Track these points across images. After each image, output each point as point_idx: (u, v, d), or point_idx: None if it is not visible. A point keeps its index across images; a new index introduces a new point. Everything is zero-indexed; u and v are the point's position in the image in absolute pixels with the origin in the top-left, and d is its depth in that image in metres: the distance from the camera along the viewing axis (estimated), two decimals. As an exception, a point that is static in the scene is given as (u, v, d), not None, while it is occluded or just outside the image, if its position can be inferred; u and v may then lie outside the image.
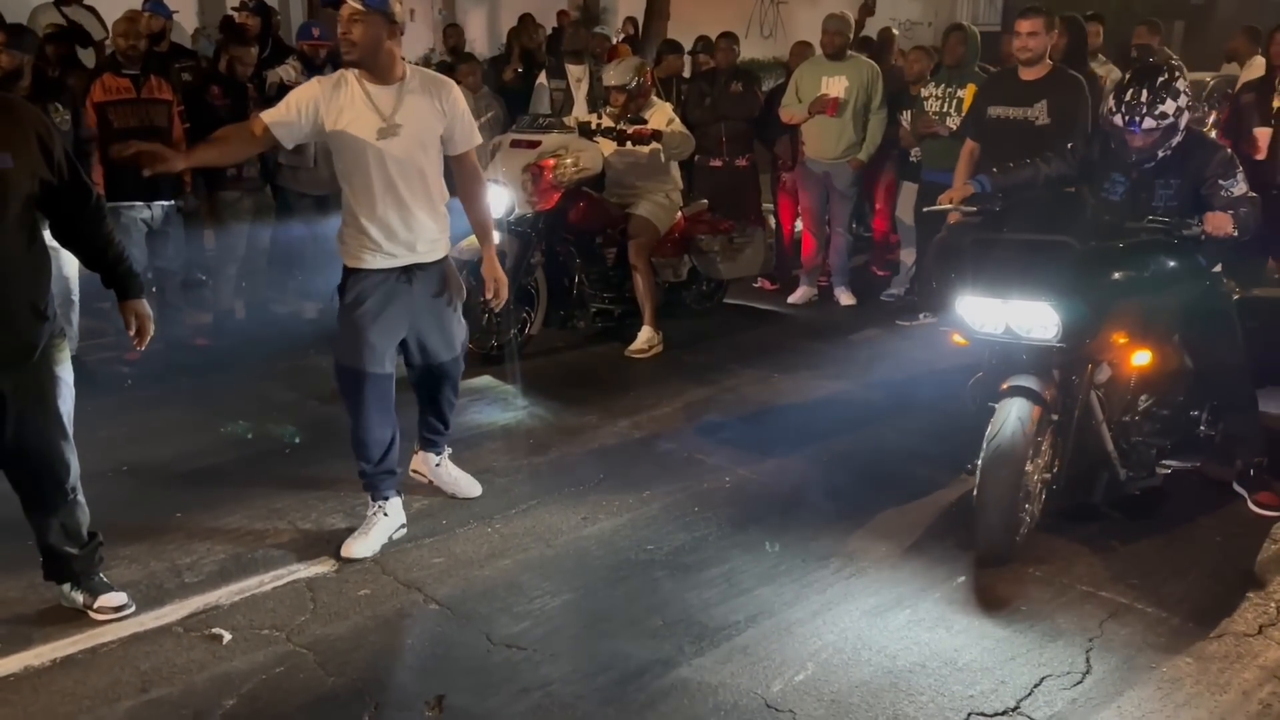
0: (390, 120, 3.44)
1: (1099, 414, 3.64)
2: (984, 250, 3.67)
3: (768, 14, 17.38)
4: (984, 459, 3.42)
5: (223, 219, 6.12)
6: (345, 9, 3.36)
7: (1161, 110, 3.56)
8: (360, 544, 3.62)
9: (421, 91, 3.50)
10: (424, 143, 3.51)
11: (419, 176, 3.52)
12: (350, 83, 3.46)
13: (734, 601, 3.31)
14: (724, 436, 4.71)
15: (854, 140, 6.81)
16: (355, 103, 3.44)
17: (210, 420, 4.90)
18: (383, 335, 3.57)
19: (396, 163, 3.47)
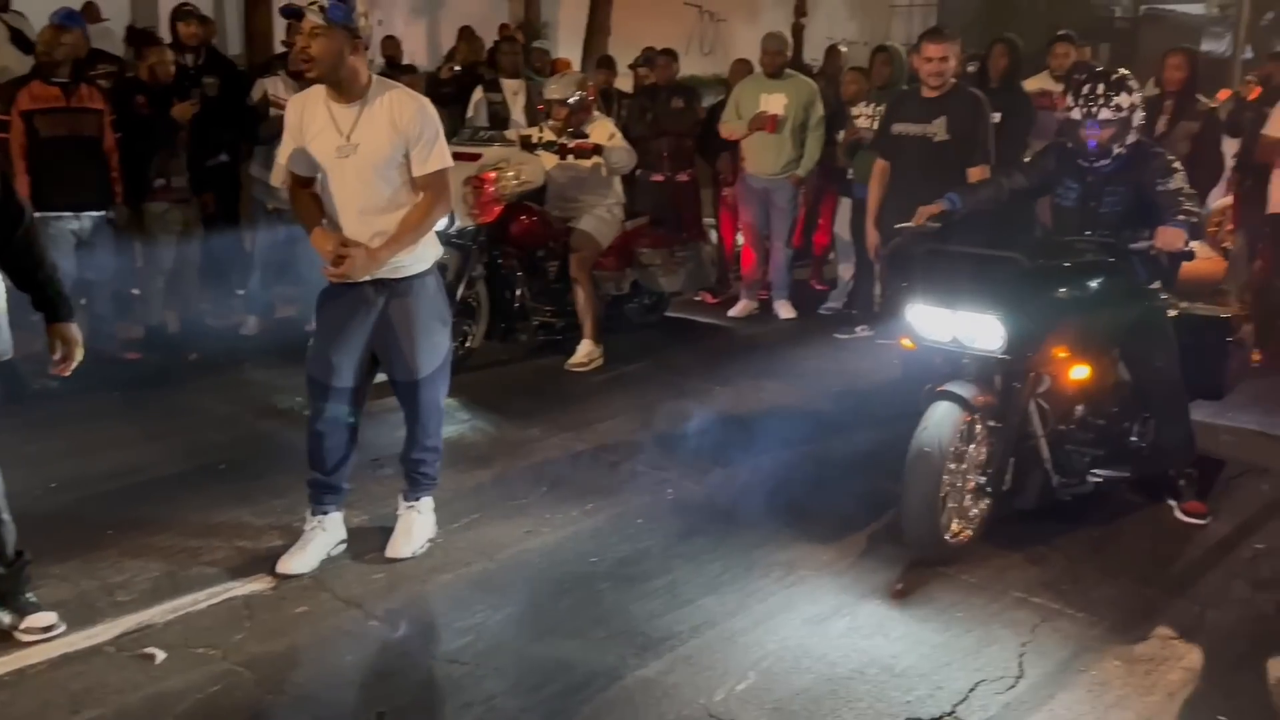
0: (349, 138, 3.36)
1: (1037, 423, 3.76)
2: (934, 260, 3.77)
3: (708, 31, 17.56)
4: (907, 459, 3.54)
5: (150, 230, 5.99)
6: (305, 23, 3.26)
7: (1116, 103, 3.75)
8: (297, 559, 3.56)
9: (382, 109, 3.37)
10: (383, 163, 3.38)
11: (379, 196, 3.41)
12: (319, 98, 3.41)
13: (677, 612, 3.33)
14: (667, 448, 4.74)
15: (793, 157, 6.92)
16: (320, 120, 3.39)
17: (141, 435, 4.80)
18: (339, 348, 3.52)
19: (353, 182, 3.39)
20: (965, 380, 3.63)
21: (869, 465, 4.48)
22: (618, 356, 6.12)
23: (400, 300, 3.51)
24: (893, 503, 3.99)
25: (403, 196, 3.45)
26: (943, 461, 3.50)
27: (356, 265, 3.37)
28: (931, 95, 5.22)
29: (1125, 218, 3.86)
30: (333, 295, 3.54)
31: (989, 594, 3.45)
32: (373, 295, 3.50)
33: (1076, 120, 3.81)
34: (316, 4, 3.25)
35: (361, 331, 3.52)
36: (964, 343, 3.59)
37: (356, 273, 3.39)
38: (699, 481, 4.38)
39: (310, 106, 3.43)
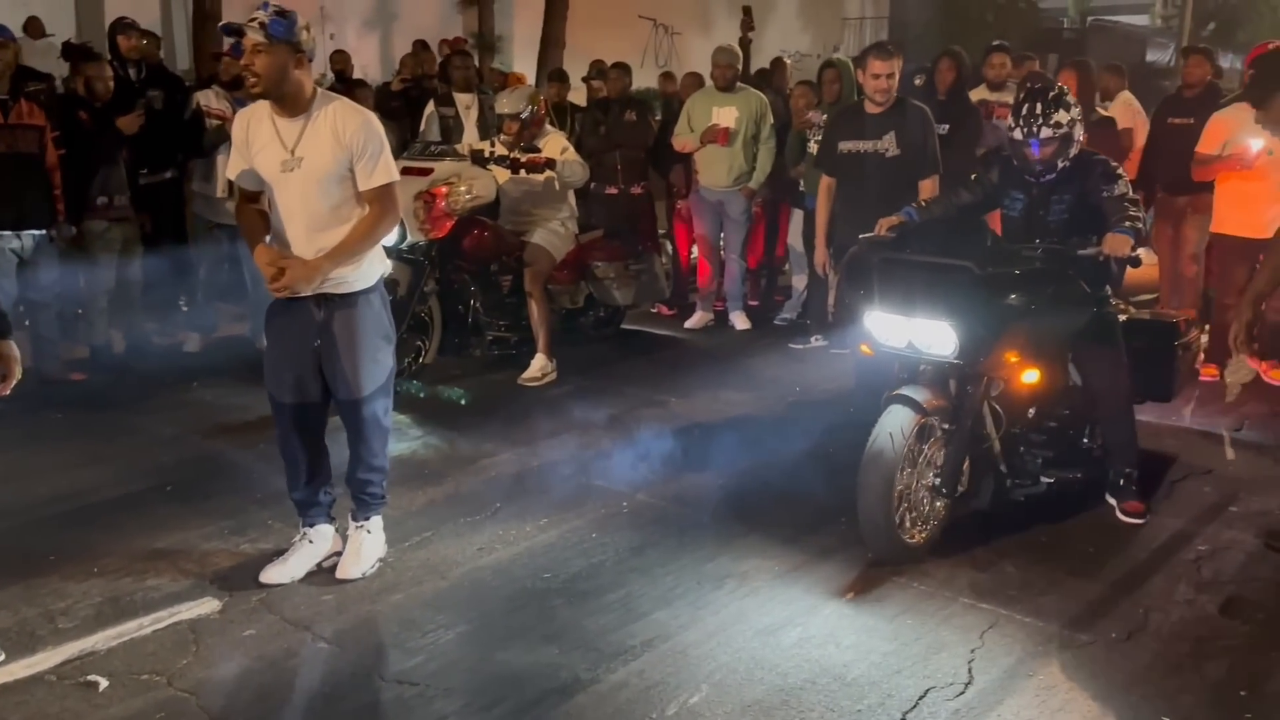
0: (293, 152, 3.34)
1: (991, 426, 3.85)
2: (890, 269, 3.83)
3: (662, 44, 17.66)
4: (861, 463, 3.61)
5: (91, 249, 5.89)
6: (247, 40, 3.25)
7: (1056, 120, 3.84)
8: (278, 570, 3.57)
9: (325, 122, 3.34)
10: (326, 177, 3.35)
11: (324, 211, 3.39)
12: (264, 114, 3.40)
13: (630, 626, 3.32)
14: (621, 462, 4.73)
15: (745, 169, 6.97)
16: (264, 134, 3.38)
17: (86, 457, 4.71)
18: (286, 364, 3.53)
19: (298, 196, 3.37)
20: (919, 385, 3.71)
21: (822, 474, 4.51)
22: (572, 370, 6.11)
23: (343, 317, 3.48)
24: (845, 511, 4.03)
25: (348, 211, 3.42)
26: (896, 464, 3.58)
27: (295, 277, 3.34)
28: (877, 111, 5.26)
29: (1072, 225, 3.97)
30: (279, 312, 3.53)
31: (938, 600, 3.48)
32: (315, 311, 3.47)
33: (1019, 140, 3.91)
34: (256, 21, 3.24)
35: (308, 347, 3.50)
36: (919, 348, 3.69)
37: (297, 285, 3.36)
38: (654, 494, 4.38)
39: (255, 122, 3.41)
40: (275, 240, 3.47)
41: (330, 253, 3.38)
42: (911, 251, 4.00)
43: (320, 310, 3.47)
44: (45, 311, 5.68)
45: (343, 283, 3.46)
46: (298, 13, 3.33)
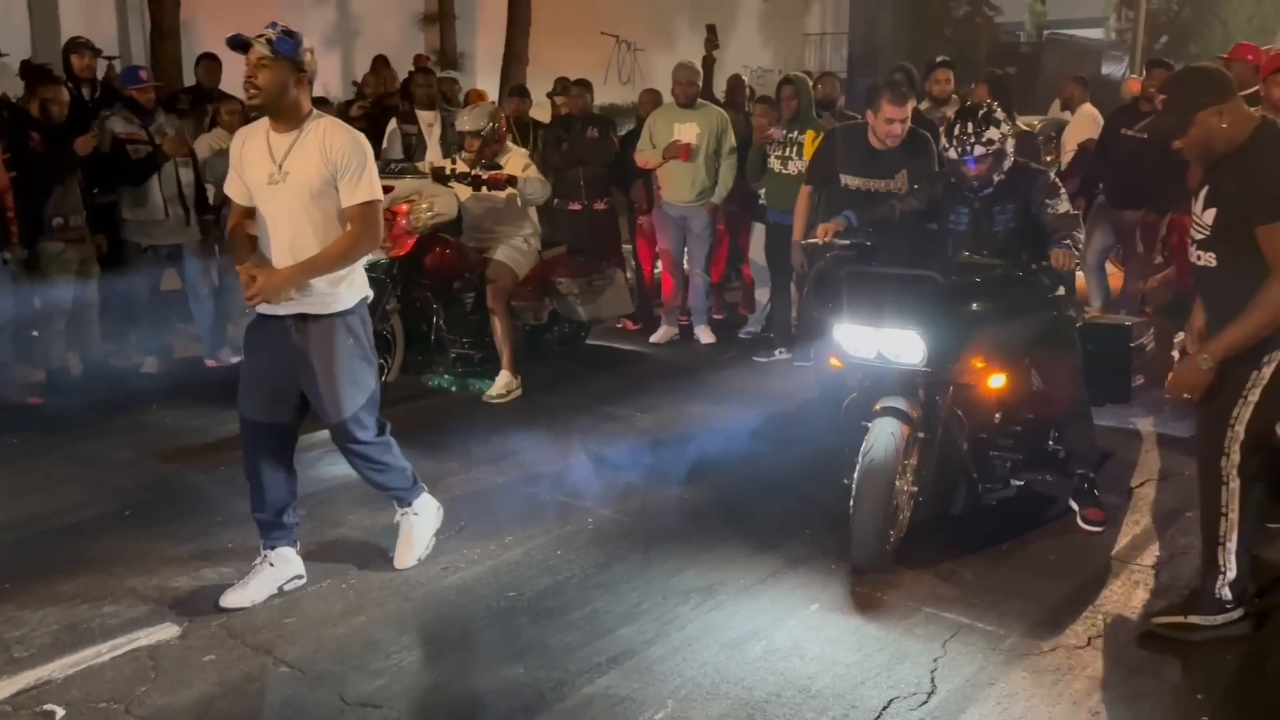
0: (280, 166, 3.39)
1: (960, 432, 3.90)
2: (857, 282, 3.90)
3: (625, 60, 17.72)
4: (858, 475, 3.63)
5: (46, 271, 5.80)
6: (252, 54, 3.33)
7: (988, 137, 3.96)
8: (239, 594, 3.54)
9: (314, 138, 3.39)
10: (311, 192, 3.38)
11: (308, 226, 3.41)
12: (261, 130, 3.47)
13: (596, 643, 3.32)
14: (586, 477, 4.73)
15: (707, 184, 7.02)
16: (256, 149, 3.44)
17: (42, 482, 4.64)
18: (259, 383, 3.54)
19: (284, 210, 3.41)
20: (900, 395, 3.75)
21: (786, 487, 4.54)
22: (537, 386, 6.11)
23: (321, 339, 3.46)
24: (810, 522, 4.06)
25: (331, 229, 3.44)
26: (893, 474, 3.62)
27: (265, 285, 3.33)
28: (882, 147, 5.23)
29: (1017, 234, 4.08)
30: (256, 330, 3.54)
31: (902, 610, 3.51)
32: (293, 330, 3.46)
33: (954, 159, 4.04)
34: (264, 36, 3.34)
35: (284, 366, 3.49)
36: (888, 358, 3.74)
37: (267, 294, 3.35)
38: (619, 510, 4.38)
39: (252, 138, 3.49)
40: (259, 255, 3.48)
41: (305, 263, 3.38)
42: (878, 264, 4.08)
43: (298, 330, 3.46)
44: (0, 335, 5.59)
45: (321, 303, 3.45)
46: (303, 34, 3.44)
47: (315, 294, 3.43)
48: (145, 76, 6.45)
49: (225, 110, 6.76)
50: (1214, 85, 3.10)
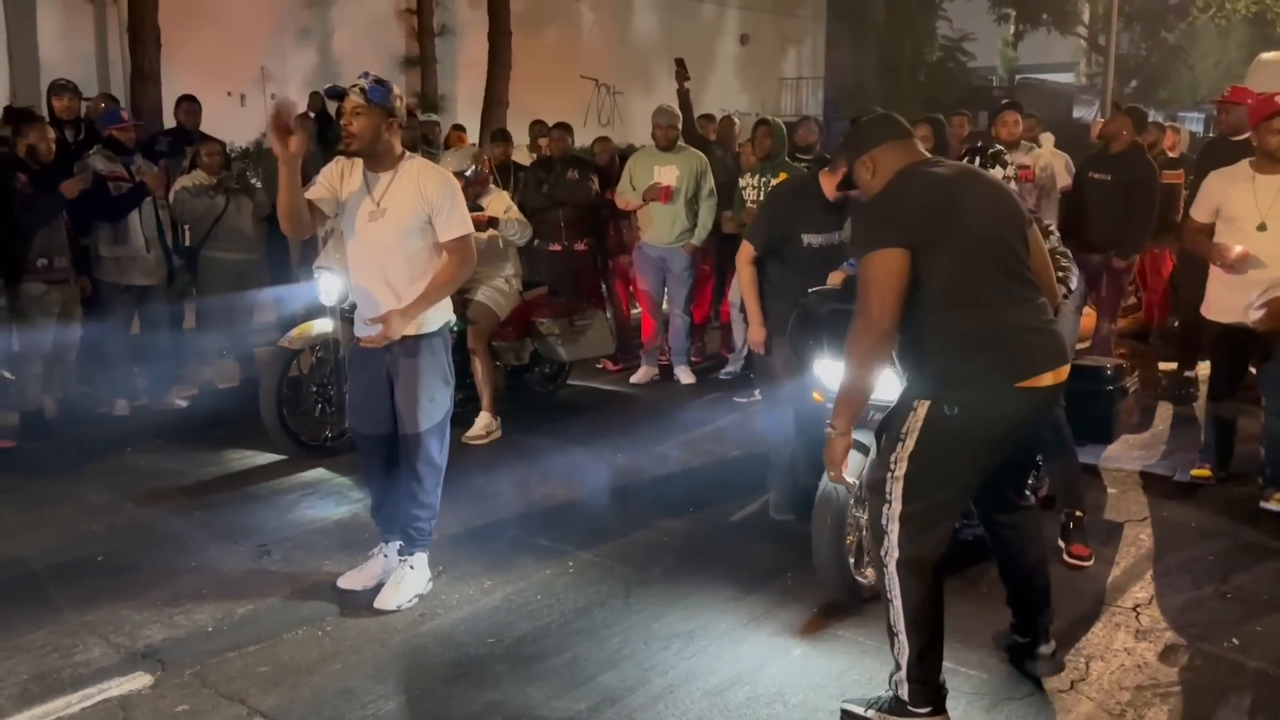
0: (379, 204, 3.68)
1: None
2: (839, 319, 3.90)
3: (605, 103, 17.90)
4: (815, 503, 3.71)
5: (27, 313, 5.75)
6: (348, 102, 3.62)
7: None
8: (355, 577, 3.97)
9: (409, 178, 3.70)
10: (406, 228, 3.70)
11: (401, 258, 3.73)
12: (359, 166, 3.74)
13: (576, 691, 3.27)
14: (567, 520, 4.70)
15: (687, 226, 7.06)
16: (355, 184, 3.73)
17: (13, 527, 4.56)
18: (363, 400, 3.89)
19: (380, 244, 3.71)
20: (866, 428, 3.73)
21: (767, 528, 4.53)
22: (518, 427, 6.08)
23: (408, 357, 3.78)
24: (791, 565, 4.04)
25: (423, 261, 3.77)
26: (846, 504, 3.67)
27: (396, 324, 3.71)
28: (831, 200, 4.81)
29: None
30: (358, 354, 3.89)
31: (884, 655, 3.44)
32: (384, 354, 3.80)
33: None
34: (358, 86, 3.63)
35: (381, 384, 3.84)
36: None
37: (398, 330, 3.73)
38: (599, 553, 4.35)
39: (353, 172, 3.76)
40: (353, 285, 3.87)
41: (419, 298, 3.74)
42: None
43: (390, 350, 3.77)
44: (-27, 377, 5.53)
45: (411, 326, 3.76)
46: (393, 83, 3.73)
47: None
48: (125, 116, 6.44)
49: (206, 152, 6.77)
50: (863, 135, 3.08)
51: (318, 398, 5.64)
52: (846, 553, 3.72)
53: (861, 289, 2.86)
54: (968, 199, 2.92)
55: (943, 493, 2.91)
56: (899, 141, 3.03)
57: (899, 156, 3.00)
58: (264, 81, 13.48)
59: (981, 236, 2.88)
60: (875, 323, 2.81)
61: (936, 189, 2.92)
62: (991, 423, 2.89)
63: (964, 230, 2.87)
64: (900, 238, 2.81)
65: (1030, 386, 2.88)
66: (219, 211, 6.67)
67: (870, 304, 2.82)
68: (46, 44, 11.55)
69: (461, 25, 15.57)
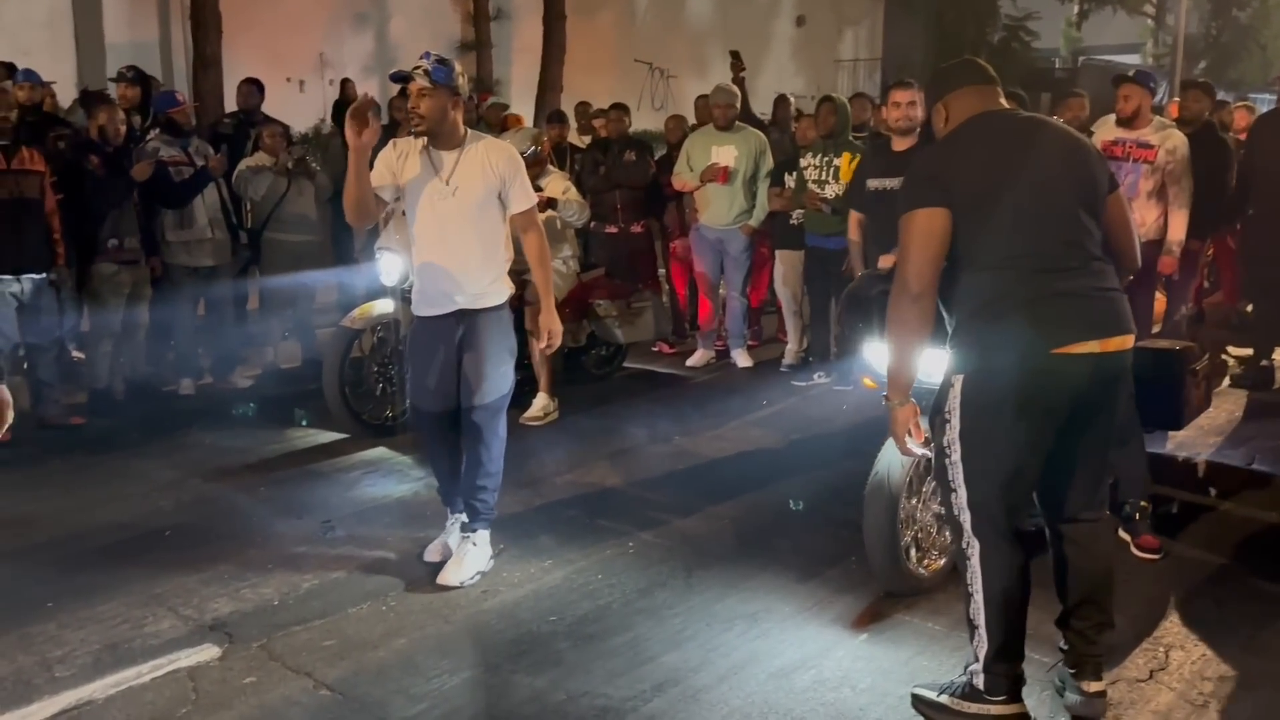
0: (448, 182, 3.73)
1: None
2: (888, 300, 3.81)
3: (658, 87, 17.80)
4: (865, 492, 3.62)
5: (98, 293, 5.86)
6: (414, 86, 3.66)
7: None
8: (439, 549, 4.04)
9: (477, 156, 3.77)
10: (476, 203, 3.77)
11: (472, 233, 3.79)
12: (415, 145, 3.78)
13: (639, 670, 3.25)
14: (626, 501, 4.68)
15: (745, 207, 6.98)
16: (420, 164, 3.76)
17: (85, 502, 4.65)
18: (428, 374, 3.89)
19: (450, 220, 3.76)
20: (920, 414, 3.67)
21: (829, 512, 4.46)
22: (575, 409, 6.07)
23: (478, 329, 3.85)
24: (855, 549, 3.96)
25: (492, 236, 3.86)
26: (899, 493, 3.58)
27: (555, 327, 4.04)
28: (902, 149, 5.24)
29: None
30: (421, 332, 3.93)
31: (953, 640, 3.41)
32: (454, 325, 3.84)
33: None
34: (420, 68, 3.65)
35: (447, 359, 3.86)
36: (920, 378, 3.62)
37: (558, 331, 4.07)
38: (660, 534, 4.32)
39: (410, 153, 3.79)
40: (418, 263, 3.85)
41: (543, 287, 4.03)
42: None
43: (458, 324, 3.83)
44: (45, 355, 5.64)
45: (479, 300, 3.84)
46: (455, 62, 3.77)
47: (473, 294, 3.82)
48: (181, 99, 6.52)
49: (268, 134, 6.83)
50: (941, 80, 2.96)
51: (379, 377, 5.67)
52: (899, 544, 3.62)
53: (899, 250, 2.76)
54: (1031, 154, 2.75)
55: (1003, 470, 2.74)
56: (975, 88, 2.89)
57: (973, 103, 2.86)
58: (322, 68, 13.62)
59: (1039, 195, 2.71)
60: (908, 285, 2.71)
61: (997, 141, 2.78)
62: (1030, 390, 2.69)
63: (1018, 187, 2.71)
64: (940, 196, 2.70)
65: (1070, 353, 2.68)
66: (281, 194, 6.73)
67: (906, 266, 2.72)
68: (112, 30, 11.77)
69: (516, 9, 15.58)
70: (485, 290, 3.85)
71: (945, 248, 2.71)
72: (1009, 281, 2.71)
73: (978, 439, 2.75)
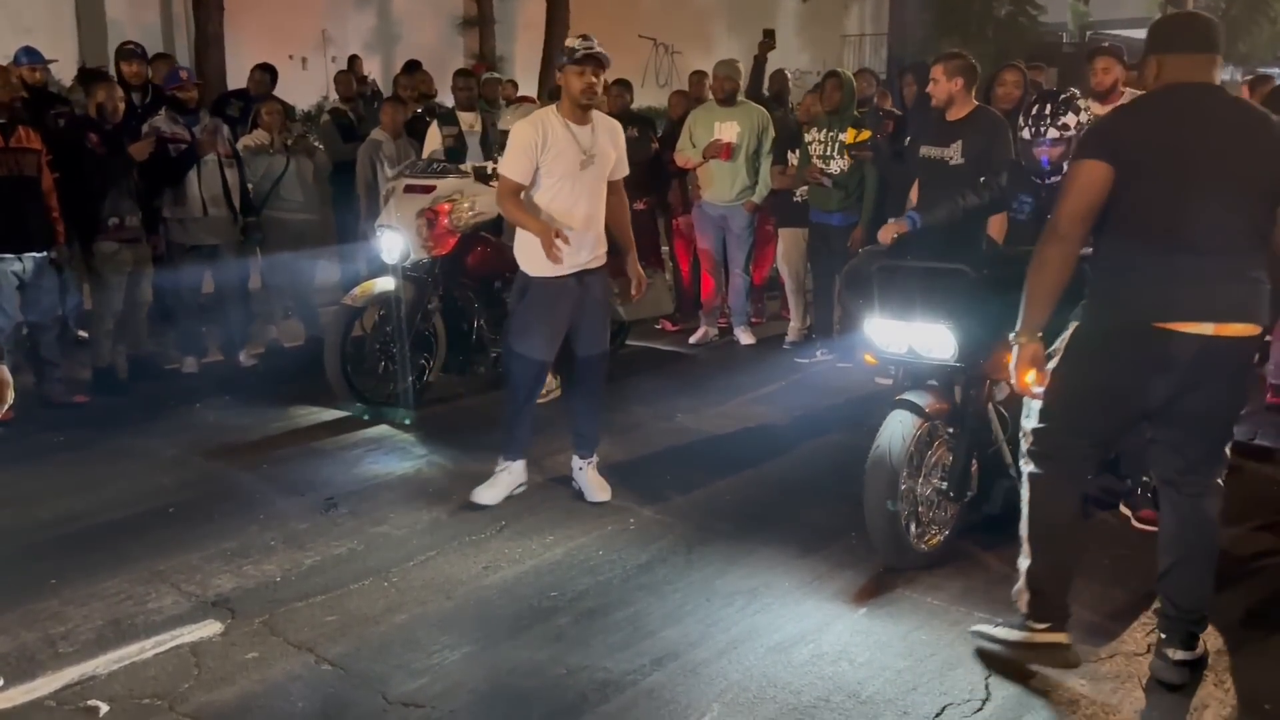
0: (589, 153, 4.21)
1: (997, 429, 3.82)
2: (889, 276, 3.82)
3: (663, 63, 17.69)
4: (867, 465, 3.63)
5: (100, 271, 5.86)
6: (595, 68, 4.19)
7: (1064, 122, 3.85)
8: (487, 493, 4.38)
9: (603, 130, 4.30)
10: (604, 171, 4.31)
11: (599, 198, 4.32)
12: (553, 122, 4.19)
13: (639, 645, 3.26)
14: (627, 477, 4.68)
15: (748, 183, 6.94)
16: (561, 138, 4.18)
17: (88, 480, 4.67)
18: (545, 328, 4.30)
19: (588, 187, 4.26)
20: (921, 389, 3.68)
21: (830, 488, 4.46)
22: (577, 387, 6.06)
23: (595, 286, 4.35)
24: (855, 525, 3.97)
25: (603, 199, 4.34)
26: (898, 468, 3.59)
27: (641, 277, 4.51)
28: (953, 118, 5.19)
29: None
30: (542, 289, 4.28)
31: (953, 615, 3.42)
32: (575, 284, 4.28)
33: (1027, 140, 3.92)
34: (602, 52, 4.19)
35: (565, 315, 4.29)
36: (920, 353, 3.66)
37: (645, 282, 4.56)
38: (660, 510, 4.33)
39: (549, 130, 4.19)
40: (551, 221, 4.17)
41: (626, 241, 4.51)
42: (910, 257, 3.98)
43: (579, 283, 4.28)
44: (47, 334, 5.65)
45: (596, 260, 4.32)
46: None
47: (593, 252, 4.30)
48: (185, 76, 6.49)
49: (266, 110, 6.81)
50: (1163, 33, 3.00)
51: (381, 355, 5.67)
52: (900, 518, 3.63)
53: (1059, 192, 2.95)
54: (1206, 134, 2.82)
55: (1077, 417, 2.97)
56: (1192, 57, 2.89)
57: (1184, 71, 2.88)
58: (325, 45, 13.55)
59: (1198, 174, 2.79)
60: (1057, 227, 2.89)
61: (1179, 114, 2.84)
62: (1122, 358, 2.88)
63: (1179, 163, 2.80)
64: (1107, 152, 2.82)
65: (1175, 330, 2.78)
66: (279, 172, 6.71)
67: (1060, 209, 2.90)
68: (114, 7, 11.71)
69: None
70: (601, 250, 4.35)
71: (1099, 201, 2.83)
72: (1139, 251, 2.86)
73: (1064, 383, 2.98)
